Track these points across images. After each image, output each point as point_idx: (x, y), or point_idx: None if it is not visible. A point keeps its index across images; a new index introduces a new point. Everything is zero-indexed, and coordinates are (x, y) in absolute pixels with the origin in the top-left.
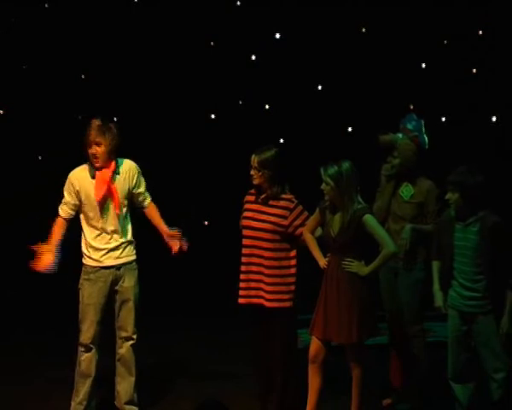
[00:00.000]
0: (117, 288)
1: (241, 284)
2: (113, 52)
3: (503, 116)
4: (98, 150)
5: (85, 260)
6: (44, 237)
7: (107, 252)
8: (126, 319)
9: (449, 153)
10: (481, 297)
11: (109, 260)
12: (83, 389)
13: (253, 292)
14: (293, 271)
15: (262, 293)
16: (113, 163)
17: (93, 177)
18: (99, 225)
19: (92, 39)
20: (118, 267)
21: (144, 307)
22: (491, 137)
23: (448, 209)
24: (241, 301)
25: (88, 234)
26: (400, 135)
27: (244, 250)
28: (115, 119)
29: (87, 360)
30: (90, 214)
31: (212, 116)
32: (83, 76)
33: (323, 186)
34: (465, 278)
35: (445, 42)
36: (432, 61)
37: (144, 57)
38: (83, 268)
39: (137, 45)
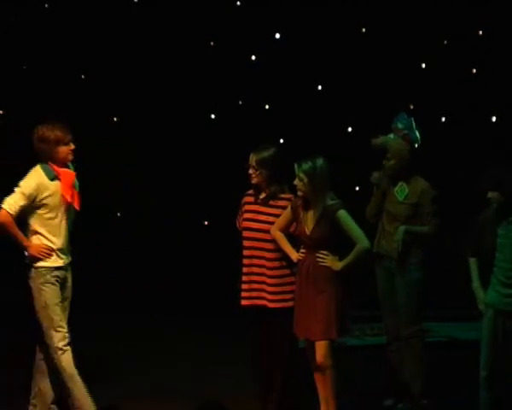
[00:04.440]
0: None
1: (244, 286)
2: (114, 52)
3: (503, 116)
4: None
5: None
6: None
7: None
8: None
9: (449, 153)
10: None
11: None
12: (83, 388)
13: (255, 293)
14: (295, 270)
15: (264, 294)
16: None
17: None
18: None
19: (92, 39)
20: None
21: (145, 306)
22: (491, 137)
23: (490, 207)
24: (243, 302)
25: None
26: (392, 135)
27: (245, 252)
28: (115, 119)
29: (70, 359)
30: None
31: (212, 116)
32: (83, 76)
33: (297, 182)
34: (505, 275)
35: (445, 42)
36: (432, 61)
37: (144, 57)
38: (36, 271)
39: (137, 45)
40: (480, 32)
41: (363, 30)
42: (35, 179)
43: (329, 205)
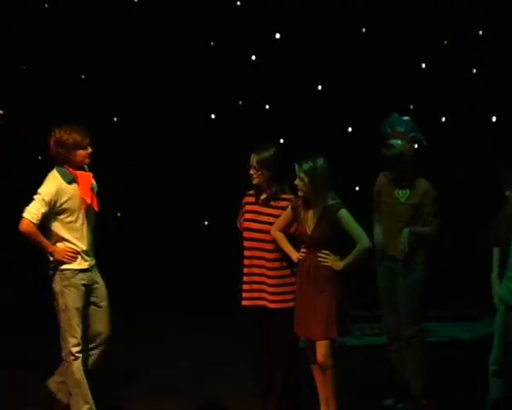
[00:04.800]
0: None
1: (244, 287)
2: (114, 52)
3: (503, 116)
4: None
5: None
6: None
7: None
8: (107, 319)
9: (449, 153)
10: None
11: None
12: (87, 396)
13: (255, 294)
14: (295, 270)
15: (265, 295)
16: None
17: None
18: None
19: (92, 39)
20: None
21: (145, 306)
22: (491, 137)
23: (509, 204)
24: (244, 303)
25: None
26: (399, 141)
27: (245, 252)
28: (115, 119)
29: (80, 366)
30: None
31: (212, 116)
32: (83, 76)
33: (297, 182)
34: None
35: (445, 42)
36: (432, 61)
37: (144, 57)
38: (61, 274)
39: (137, 45)
40: (480, 32)
41: (363, 30)
42: (54, 185)
43: (330, 205)
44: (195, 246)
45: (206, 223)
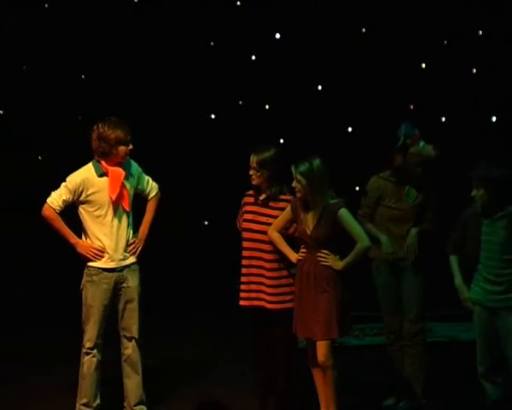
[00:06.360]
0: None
1: (242, 287)
2: (114, 52)
3: (503, 116)
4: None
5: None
6: (44, 235)
7: None
8: (131, 319)
9: (449, 153)
10: (505, 291)
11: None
12: (87, 391)
13: (253, 294)
14: (293, 271)
15: (263, 295)
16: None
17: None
18: None
19: (92, 39)
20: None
21: (144, 306)
22: (491, 137)
23: (474, 204)
24: (242, 303)
25: None
26: (422, 143)
27: (244, 253)
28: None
29: (90, 361)
30: None
31: (212, 116)
32: (83, 76)
33: (295, 184)
34: (490, 272)
35: (445, 42)
36: (432, 61)
37: (144, 57)
38: (86, 269)
39: (137, 45)
40: (480, 32)
41: (363, 30)
42: (81, 175)
43: (331, 204)
44: (195, 246)
45: (206, 223)
